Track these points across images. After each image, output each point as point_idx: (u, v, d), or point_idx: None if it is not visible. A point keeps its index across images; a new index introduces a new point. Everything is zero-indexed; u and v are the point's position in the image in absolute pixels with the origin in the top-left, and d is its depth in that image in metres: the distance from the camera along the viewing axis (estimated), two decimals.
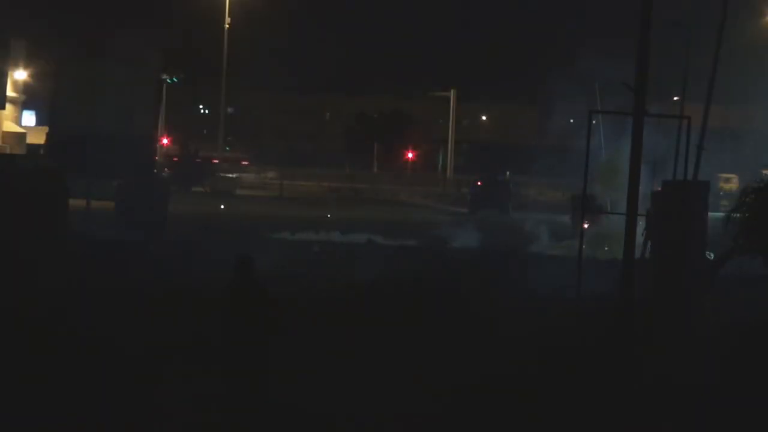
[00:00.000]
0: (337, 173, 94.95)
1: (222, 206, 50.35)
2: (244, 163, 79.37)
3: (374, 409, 11.64)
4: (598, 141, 37.68)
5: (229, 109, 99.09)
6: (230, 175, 71.45)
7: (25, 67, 71.71)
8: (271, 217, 41.90)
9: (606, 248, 32.43)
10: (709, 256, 25.33)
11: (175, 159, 70.54)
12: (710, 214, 26.07)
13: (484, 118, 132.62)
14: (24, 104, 73.77)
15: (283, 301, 11.09)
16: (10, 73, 68.64)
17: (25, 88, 73.79)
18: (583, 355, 14.58)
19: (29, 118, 73.13)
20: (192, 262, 22.92)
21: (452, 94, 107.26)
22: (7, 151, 60.86)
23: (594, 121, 34.32)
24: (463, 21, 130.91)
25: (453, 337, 15.81)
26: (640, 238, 23.59)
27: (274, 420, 11.01)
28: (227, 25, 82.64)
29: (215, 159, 72.83)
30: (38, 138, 55.66)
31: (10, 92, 68.68)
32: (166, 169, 64.44)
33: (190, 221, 35.55)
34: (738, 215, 23.17)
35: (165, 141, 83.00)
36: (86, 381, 11.95)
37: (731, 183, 75.98)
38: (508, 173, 71.59)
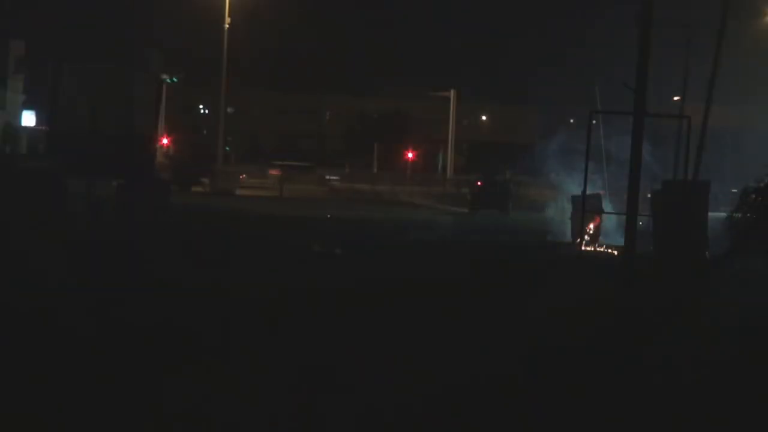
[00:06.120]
0: (337, 173, 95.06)
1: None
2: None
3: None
4: (598, 140, 37.68)
5: (229, 109, 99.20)
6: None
7: (25, 67, 71.83)
8: (273, 217, 41.92)
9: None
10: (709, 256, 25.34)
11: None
12: (710, 214, 26.10)
13: (484, 118, 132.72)
14: (24, 104, 73.83)
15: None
16: (10, 72, 68.65)
17: (25, 88, 73.78)
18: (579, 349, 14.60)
19: (29, 118, 73.23)
20: (189, 262, 22.90)
21: (452, 94, 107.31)
22: (7, 151, 60.93)
23: (594, 121, 34.29)
24: (463, 21, 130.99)
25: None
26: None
27: None
28: (227, 25, 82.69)
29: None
30: (38, 138, 55.70)
31: (11, 92, 68.73)
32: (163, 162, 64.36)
33: (190, 221, 35.53)
34: (739, 215, 23.16)
35: (165, 141, 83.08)
36: None
37: None
38: (508, 173, 71.69)
